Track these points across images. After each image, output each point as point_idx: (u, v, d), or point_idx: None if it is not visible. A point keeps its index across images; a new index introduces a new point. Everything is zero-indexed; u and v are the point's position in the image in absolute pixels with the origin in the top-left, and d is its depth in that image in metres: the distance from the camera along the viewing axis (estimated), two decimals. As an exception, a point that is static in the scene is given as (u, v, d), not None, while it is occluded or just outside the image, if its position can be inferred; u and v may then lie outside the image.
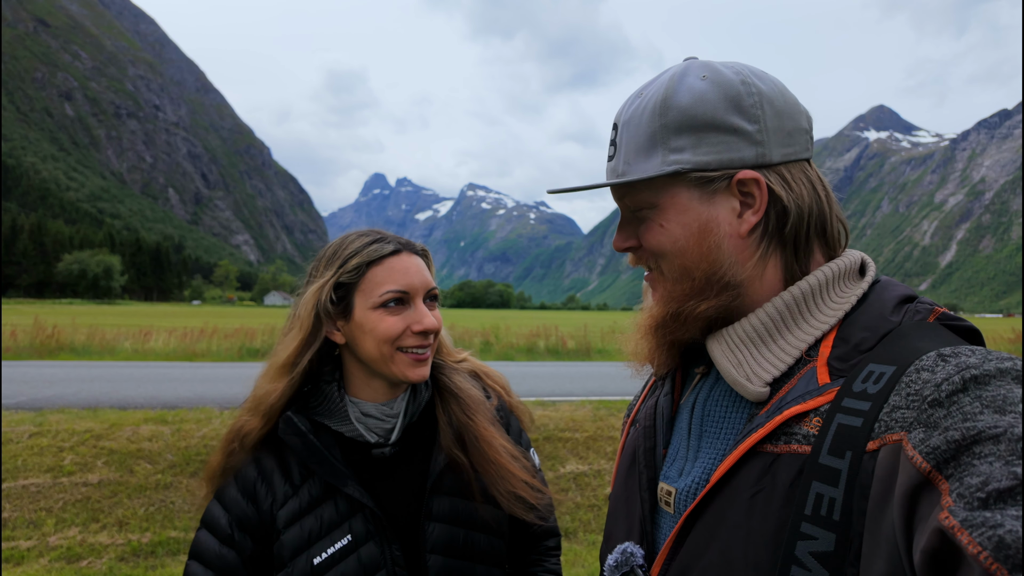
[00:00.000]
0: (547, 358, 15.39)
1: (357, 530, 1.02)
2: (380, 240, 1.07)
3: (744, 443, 0.62)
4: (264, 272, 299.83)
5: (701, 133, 0.68)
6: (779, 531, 0.56)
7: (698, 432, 0.73)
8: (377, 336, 1.02)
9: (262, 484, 1.05)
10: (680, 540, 0.65)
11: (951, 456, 0.46)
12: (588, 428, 6.21)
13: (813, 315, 0.68)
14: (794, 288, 0.68)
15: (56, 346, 13.19)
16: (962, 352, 0.54)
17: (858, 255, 0.73)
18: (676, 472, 0.73)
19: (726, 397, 0.71)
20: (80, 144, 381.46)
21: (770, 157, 0.68)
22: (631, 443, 0.84)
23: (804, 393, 0.61)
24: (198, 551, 1.03)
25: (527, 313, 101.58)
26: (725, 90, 0.68)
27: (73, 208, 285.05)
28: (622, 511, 0.79)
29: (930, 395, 0.51)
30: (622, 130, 0.73)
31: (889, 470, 0.51)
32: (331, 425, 1.07)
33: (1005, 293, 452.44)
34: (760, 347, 0.68)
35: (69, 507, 4.30)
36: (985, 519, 0.41)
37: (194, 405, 6.84)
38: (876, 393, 0.55)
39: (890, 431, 0.52)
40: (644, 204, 0.72)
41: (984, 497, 0.42)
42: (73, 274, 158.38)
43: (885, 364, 0.57)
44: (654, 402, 0.83)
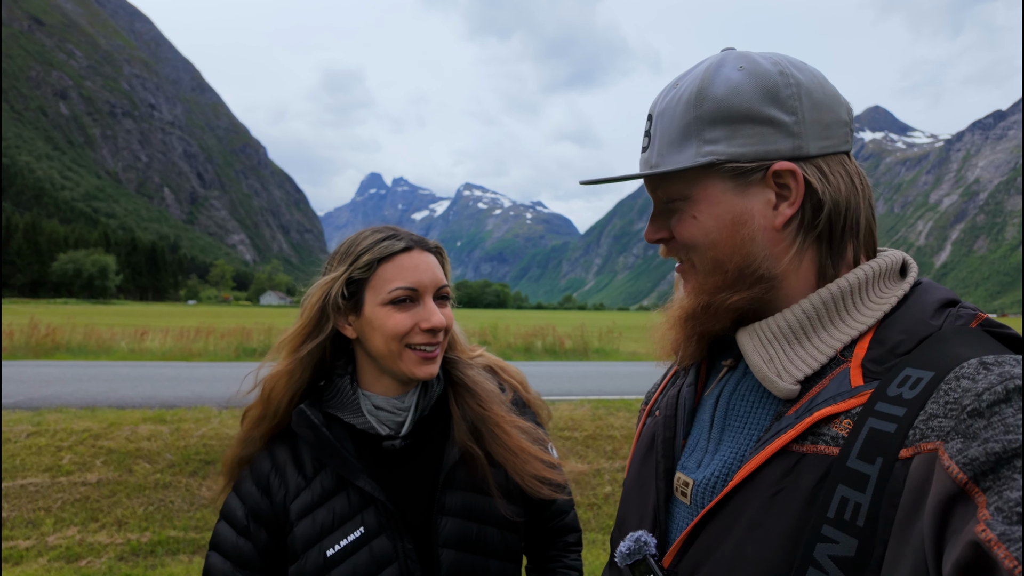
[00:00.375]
0: (545, 358, 15.40)
1: (369, 523, 1.02)
2: (392, 237, 1.07)
3: (773, 443, 0.61)
4: (260, 272, 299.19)
5: (736, 124, 0.66)
6: (798, 531, 0.55)
7: (721, 425, 0.72)
8: (386, 332, 1.03)
9: (275, 477, 1.06)
10: (695, 533, 0.65)
11: (990, 469, 0.45)
12: (587, 427, 6.22)
13: (851, 314, 0.66)
14: (832, 285, 0.66)
15: (52, 346, 13.14)
16: (1006, 361, 0.52)
17: (899, 255, 0.71)
18: (694, 463, 0.72)
19: (753, 392, 0.70)
20: (75, 143, 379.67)
21: (807, 149, 0.66)
22: (649, 431, 0.83)
23: (836, 394, 0.60)
24: (217, 542, 1.05)
25: (524, 313, 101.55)
26: (762, 81, 0.66)
27: (68, 207, 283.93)
28: (636, 498, 0.79)
29: (970, 404, 0.50)
30: (656, 121, 0.72)
31: (922, 479, 0.49)
32: (343, 417, 1.08)
33: (1000, 293, 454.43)
34: (793, 344, 0.66)
35: (68, 507, 4.29)
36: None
37: (192, 405, 6.83)
38: (912, 399, 0.53)
39: (926, 439, 0.51)
40: (677, 196, 0.71)
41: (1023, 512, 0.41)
42: (68, 274, 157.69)
43: (923, 369, 0.55)
44: (676, 391, 0.81)
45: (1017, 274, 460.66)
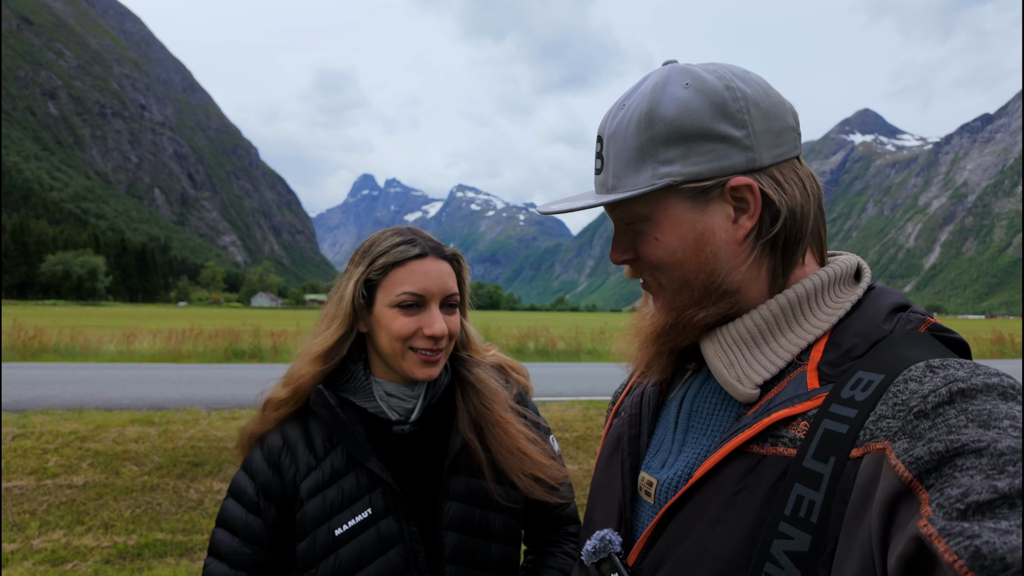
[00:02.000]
0: (537, 359, 15.42)
1: (377, 504, 1.05)
2: (409, 242, 1.10)
3: (730, 442, 0.63)
4: (251, 273, 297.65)
5: (690, 143, 0.66)
6: (757, 528, 0.57)
7: (684, 427, 0.73)
8: (390, 333, 1.06)
9: (286, 455, 1.09)
10: (659, 530, 0.66)
11: (933, 467, 0.47)
12: (578, 428, 6.23)
13: (807, 319, 0.68)
14: (789, 291, 0.68)
15: (39, 348, 13.01)
16: (951, 364, 0.54)
17: (854, 259, 0.73)
18: (659, 464, 0.74)
19: (715, 395, 0.72)
20: (64, 143, 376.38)
21: (761, 161, 0.67)
22: (615, 431, 0.84)
23: (793, 397, 0.61)
24: (225, 518, 1.06)
25: (517, 314, 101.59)
26: (710, 97, 0.66)
27: (57, 208, 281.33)
28: (602, 496, 0.80)
29: (916, 406, 0.52)
30: (608, 144, 0.72)
31: (871, 477, 0.51)
32: (355, 401, 1.12)
33: (987, 295, 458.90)
34: (752, 349, 0.68)
35: (53, 509, 4.25)
36: (963, 529, 0.42)
37: (181, 406, 6.79)
38: (863, 401, 0.55)
39: (875, 439, 0.53)
40: (638, 217, 0.71)
41: (964, 508, 0.43)
42: (57, 275, 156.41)
43: (874, 372, 0.58)
44: (641, 391, 0.83)
45: (1005, 276, 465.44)
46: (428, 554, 1.06)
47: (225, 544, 1.05)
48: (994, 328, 24.71)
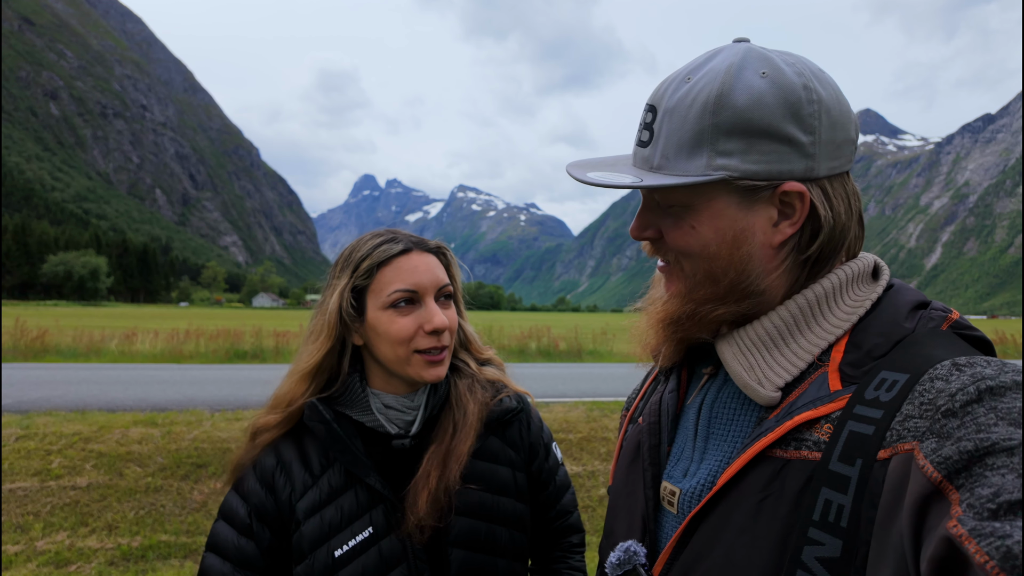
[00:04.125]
0: (539, 360, 15.39)
1: (378, 522, 1.00)
2: (390, 240, 1.06)
3: (753, 447, 0.61)
4: (252, 274, 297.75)
5: (753, 139, 0.63)
6: (786, 536, 0.56)
7: (705, 434, 0.72)
8: (391, 338, 1.02)
9: (281, 474, 1.04)
10: (684, 541, 0.65)
11: (963, 467, 0.46)
12: (581, 429, 6.21)
13: (826, 318, 0.66)
14: (807, 291, 0.67)
15: (42, 348, 13.01)
16: (977, 362, 0.53)
17: (871, 258, 0.71)
18: (680, 472, 0.72)
19: (734, 400, 0.70)
20: (65, 144, 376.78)
21: (818, 171, 0.65)
22: (633, 438, 0.82)
23: (815, 399, 0.60)
24: (215, 543, 1.01)
25: (518, 315, 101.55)
26: (786, 94, 0.63)
27: (58, 209, 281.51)
28: (623, 507, 0.78)
29: (944, 405, 0.51)
30: (663, 118, 0.67)
31: (900, 479, 0.51)
32: (352, 415, 1.07)
33: (989, 295, 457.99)
34: (772, 351, 0.67)
35: (57, 511, 4.23)
36: (994, 529, 0.41)
37: (184, 407, 6.78)
38: (889, 401, 0.55)
39: (902, 440, 0.52)
40: (677, 202, 0.68)
41: (995, 508, 0.42)
42: (58, 276, 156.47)
43: (898, 372, 0.56)
44: (659, 398, 0.81)
45: (1007, 276, 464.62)
46: (433, 573, 1.02)
47: (215, 570, 1.00)
48: (996, 328, 24.66)
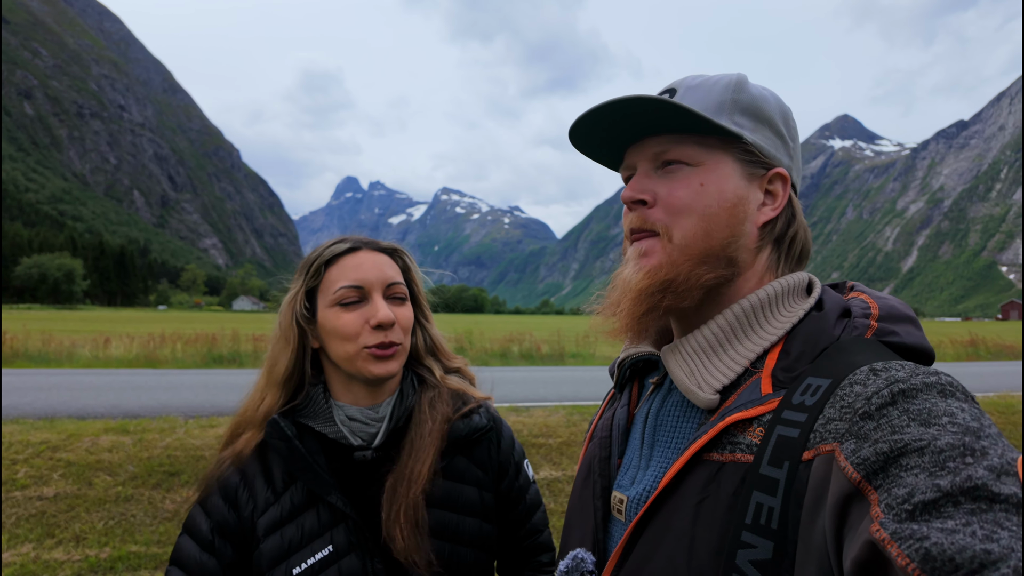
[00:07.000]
0: (521, 363, 15.37)
1: (339, 541, 1.00)
2: (340, 241, 1.07)
3: (689, 450, 0.64)
4: (233, 276, 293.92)
5: (760, 123, 0.73)
6: (723, 539, 0.57)
7: (650, 441, 0.74)
8: (339, 335, 1.02)
9: (244, 490, 1.03)
10: (629, 547, 0.67)
11: (880, 467, 0.48)
12: (561, 434, 6.20)
13: (762, 326, 0.70)
14: (744, 301, 0.71)
15: (11, 353, 12.69)
16: (892, 367, 0.56)
17: (805, 275, 0.77)
18: (629, 481, 0.75)
19: (678, 407, 0.74)
20: (40, 144, 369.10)
21: (793, 177, 0.76)
22: (588, 455, 0.85)
23: (747, 402, 0.63)
24: (179, 557, 1.01)
25: (501, 318, 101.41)
26: (779, 105, 0.76)
27: (32, 210, 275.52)
28: (577, 520, 0.81)
29: (861, 407, 0.54)
30: (684, 93, 0.74)
31: (822, 479, 0.53)
32: (315, 427, 1.06)
33: (963, 297, 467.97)
34: (712, 356, 0.70)
35: (23, 522, 4.13)
36: (912, 531, 0.43)
37: (157, 414, 6.64)
38: (812, 405, 0.57)
39: (824, 441, 0.54)
40: (687, 159, 0.72)
41: (911, 509, 0.44)
42: (32, 278, 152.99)
43: (822, 377, 0.60)
44: (611, 414, 0.85)
45: (980, 279, 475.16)
46: None
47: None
48: (969, 331, 25.18)
